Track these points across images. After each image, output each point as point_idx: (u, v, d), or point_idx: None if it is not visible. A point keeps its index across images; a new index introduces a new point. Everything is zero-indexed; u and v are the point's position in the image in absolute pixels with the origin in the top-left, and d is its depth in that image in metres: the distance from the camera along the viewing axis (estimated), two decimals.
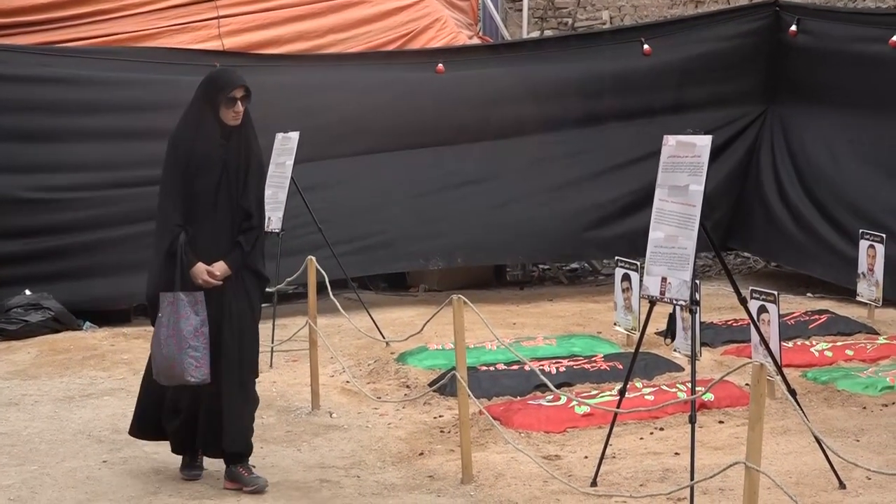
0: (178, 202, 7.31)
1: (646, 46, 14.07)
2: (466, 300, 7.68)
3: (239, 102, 7.36)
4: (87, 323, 12.40)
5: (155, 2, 14.38)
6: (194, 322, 7.23)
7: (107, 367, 10.73)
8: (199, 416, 7.47)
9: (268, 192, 11.39)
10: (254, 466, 7.53)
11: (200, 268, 7.27)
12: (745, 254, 15.47)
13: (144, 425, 7.73)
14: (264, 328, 11.28)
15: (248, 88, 7.43)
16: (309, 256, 9.41)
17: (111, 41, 13.83)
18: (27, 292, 12.14)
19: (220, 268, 7.31)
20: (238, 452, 7.45)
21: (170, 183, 7.37)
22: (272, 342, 10.90)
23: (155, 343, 7.32)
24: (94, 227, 12.58)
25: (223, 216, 7.36)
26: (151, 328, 11.92)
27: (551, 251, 14.33)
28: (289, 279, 10.94)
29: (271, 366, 10.68)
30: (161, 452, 8.26)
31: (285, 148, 11.33)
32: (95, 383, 10.20)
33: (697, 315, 7.71)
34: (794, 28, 13.94)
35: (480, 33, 17.18)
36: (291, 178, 11.01)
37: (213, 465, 7.64)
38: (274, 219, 11.18)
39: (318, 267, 9.38)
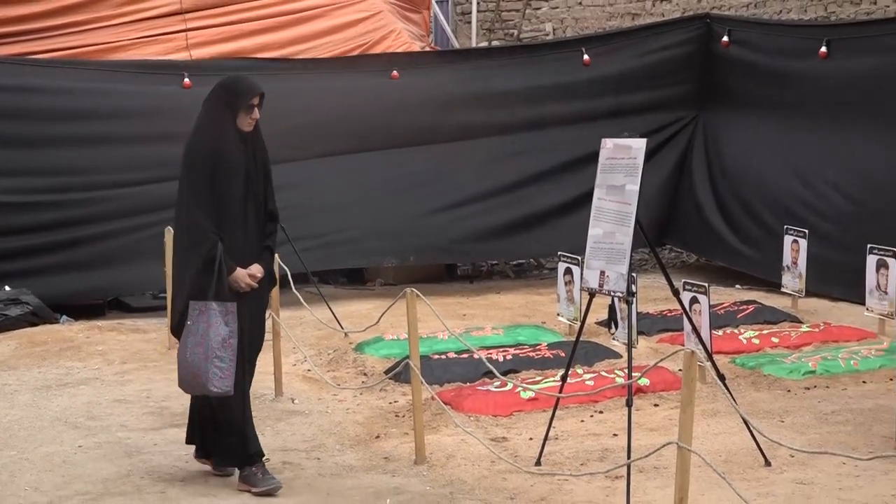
0: (209, 210, 6.82)
1: (585, 57, 14.10)
2: (419, 293, 7.70)
3: (256, 109, 7.00)
4: (64, 317, 12.33)
5: (125, 14, 14.32)
6: (223, 333, 6.77)
7: (82, 358, 10.68)
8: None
9: None
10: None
11: (242, 273, 6.88)
12: (679, 249, 15.53)
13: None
14: None
15: (263, 94, 7.07)
16: None
17: (83, 52, 13.77)
18: (7, 288, 12.07)
19: (258, 270, 6.96)
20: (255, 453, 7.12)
21: (198, 192, 6.86)
22: None
23: (181, 350, 6.91)
24: (69, 227, 12.51)
25: (251, 222, 6.99)
26: (125, 321, 12.17)
27: (499, 249, 14.34)
28: None
29: None
30: (133, 437, 8.26)
31: None
32: (71, 373, 10.15)
33: (634, 306, 7.75)
34: (725, 39, 14.01)
35: (432, 44, 17.17)
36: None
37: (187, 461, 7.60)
38: None
39: (281, 262, 9.37)
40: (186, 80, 12.91)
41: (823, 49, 12.76)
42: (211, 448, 7.28)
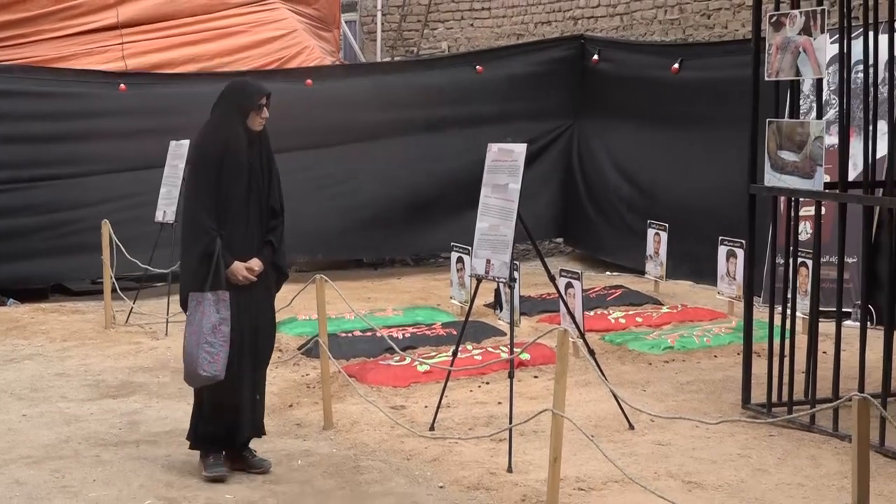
0: (210, 207, 6.45)
1: (478, 67, 14.14)
2: (328, 279, 7.68)
3: (265, 108, 6.68)
4: (11, 300, 12.16)
5: (66, 28, 14.14)
6: (214, 319, 6.37)
7: (27, 337, 10.54)
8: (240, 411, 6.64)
9: (163, 190, 11.33)
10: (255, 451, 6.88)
11: (239, 266, 6.50)
12: (557, 240, 15.60)
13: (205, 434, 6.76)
14: (161, 303, 11.25)
15: (270, 94, 6.76)
16: None
17: (27, 63, 13.56)
18: None
19: (256, 264, 6.57)
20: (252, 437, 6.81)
21: (201, 189, 6.50)
22: (167, 314, 10.78)
23: (181, 343, 6.57)
24: (16, 216, 12.33)
25: (254, 218, 6.60)
26: (66, 304, 12.01)
27: (399, 244, 14.32)
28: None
29: (167, 334, 10.57)
30: (72, 407, 8.15)
31: (178, 153, 11.20)
32: (17, 350, 10.00)
33: (516, 290, 7.77)
34: (596, 57, 14.11)
35: (342, 59, 17.11)
36: (182, 178, 10.89)
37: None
38: (168, 212, 11.07)
39: None
40: (122, 85, 12.81)
41: (675, 66, 12.89)
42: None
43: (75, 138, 12.65)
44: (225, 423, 6.62)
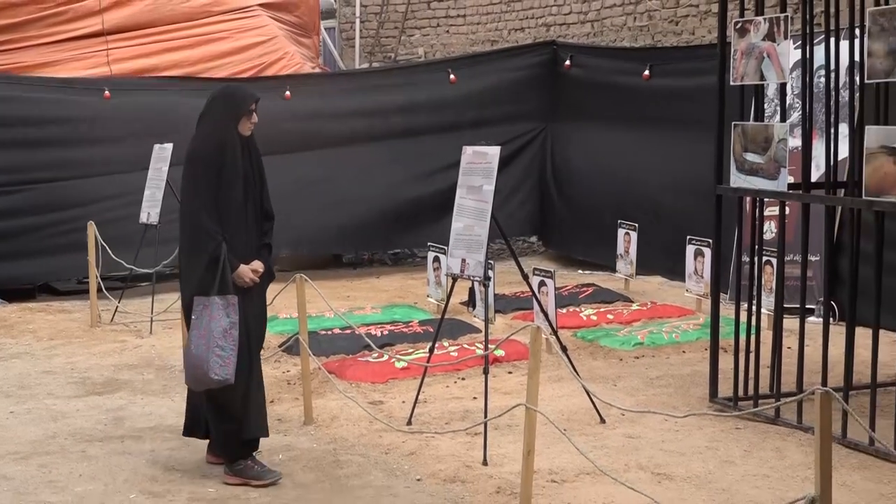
0: (213, 213, 6.29)
1: (451, 76, 14.11)
2: (308, 279, 7.66)
3: (255, 113, 6.56)
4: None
5: (52, 35, 14.06)
6: (224, 323, 6.22)
7: (15, 336, 10.48)
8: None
9: (147, 192, 11.27)
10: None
11: (245, 269, 6.38)
12: (531, 239, 15.61)
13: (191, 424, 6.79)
14: (146, 302, 11.21)
15: (259, 99, 6.63)
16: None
17: (13, 69, 13.49)
18: None
19: (258, 265, 6.47)
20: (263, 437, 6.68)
21: (203, 195, 6.31)
22: (152, 313, 10.74)
23: (187, 347, 6.35)
24: (4, 219, 12.26)
25: (251, 221, 6.50)
26: (53, 303, 11.94)
27: (378, 241, 14.32)
28: (165, 262, 10.83)
29: (151, 332, 10.53)
30: (59, 404, 8.11)
31: (161, 156, 11.15)
32: (4, 348, 9.94)
33: (490, 288, 7.76)
34: (568, 62, 14.12)
35: (322, 65, 17.07)
36: (167, 180, 10.85)
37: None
38: (152, 214, 11.03)
39: None
40: (107, 92, 12.75)
41: (647, 72, 12.91)
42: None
43: (61, 143, 12.58)
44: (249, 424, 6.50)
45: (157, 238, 10.84)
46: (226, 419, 6.44)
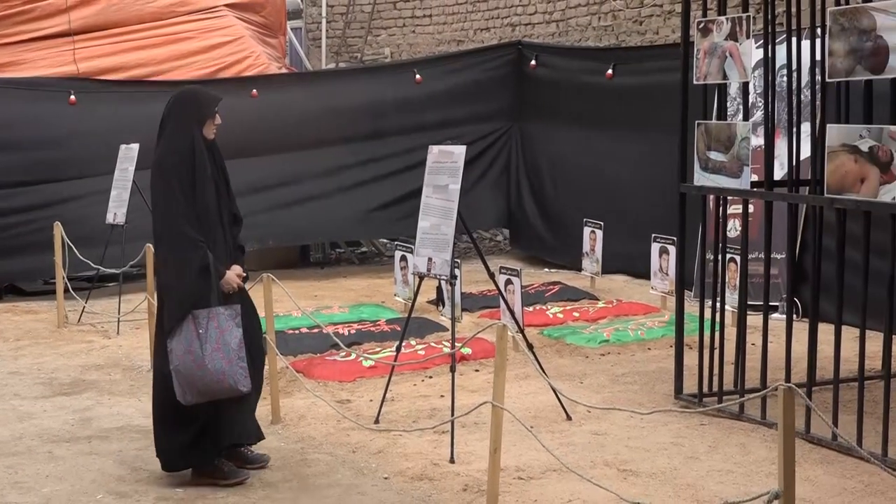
0: (192, 220, 6.11)
1: (417, 76, 14.10)
2: (274, 278, 7.63)
3: (217, 115, 6.41)
4: None
5: (19, 34, 13.97)
6: (238, 334, 6.13)
7: None
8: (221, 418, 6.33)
9: (113, 193, 11.21)
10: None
11: (232, 275, 6.26)
12: (498, 238, 15.62)
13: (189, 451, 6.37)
14: (113, 302, 11.15)
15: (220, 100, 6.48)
16: (147, 244, 9.19)
17: None
18: None
19: (240, 270, 6.36)
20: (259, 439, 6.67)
21: (179, 202, 6.12)
22: (119, 313, 10.69)
23: (191, 361, 6.05)
24: None
25: (226, 225, 6.36)
26: (19, 304, 11.85)
27: (344, 235, 14.32)
28: (131, 262, 10.76)
29: (118, 332, 10.48)
30: (25, 404, 8.05)
31: (127, 156, 11.10)
32: None
33: (457, 287, 7.75)
34: (533, 62, 14.13)
35: (288, 65, 17.03)
36: (133, 180, 10.80)
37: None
38: (119, 214, 10.97)
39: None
40: (72, 97, 12.68)
41: (609, 71, 12.94)
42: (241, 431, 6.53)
43: (27, 144, 12.49)
44: (231, 427, 6.44)
45: (123, 238, 10.79)
46: (193, 429, 6.31)
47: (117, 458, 6.84)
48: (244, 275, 6.45)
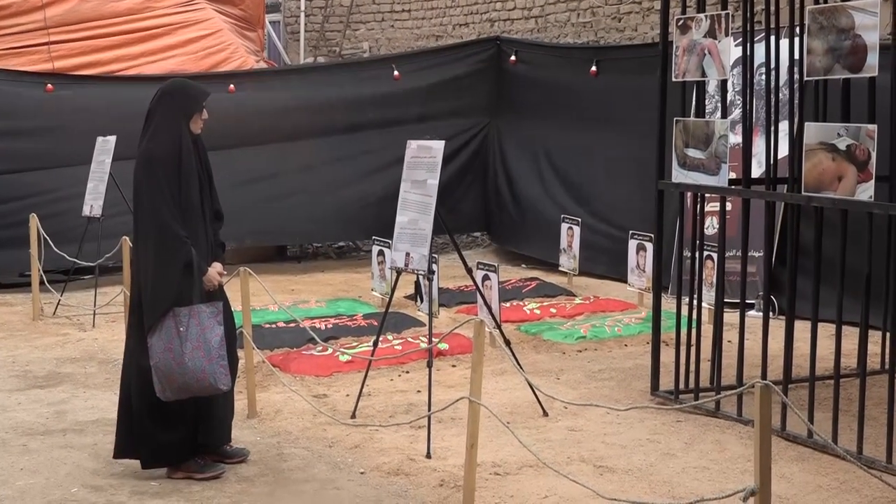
0: (177, 215, 6.05)
1: (395, 73, 14.07)
2: (252, 272, 7.60)
3: (204, 109, 6.36)
4: None
5: None
6: (219, 332, 6.11)
7: None
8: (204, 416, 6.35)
9: (90, 185, 11.15)
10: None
11: (213, 272, 6.21)
12: (475, 233, 15.62)
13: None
14: (88, 295, 11.10)
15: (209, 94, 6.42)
16: (123, 237, 9.15)
17: None
18: None
19: (221, 267, 6.31)
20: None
21: (164, 197, 6.05)
22: (94, 306, 10.64)
23: (170, 358, 6.02)
24: None
25: (208, 222, 6.30)
26: None
27: (322, 233, 14.27)
28: (108, 255, 10.71)
29: (94, 325, 10.43)
30: (0, 398, 8.01)
31: (104, 149, 11.05)
32: None
33: (434, 282, 7.74)
34: (514, 58, 14.14)
35: (266, 59, 16.98)
36: (110, 173, 10.75)
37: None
38: (95, 206, 10.92)
39: (131, 245, 9.15)
40: (49, 85, 12.61)
41: (594, 69, 12.96)
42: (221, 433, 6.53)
43: (2, 136, 12.42)
44: (210, 426, 6.42)
45: (99, 231, 10.74)
46: (172, 426, 6.28)
47: (92, 451, 6.81)
48: (225, 273, 6.42)
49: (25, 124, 12.52)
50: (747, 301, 7.69)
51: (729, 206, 7.91)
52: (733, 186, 7.49)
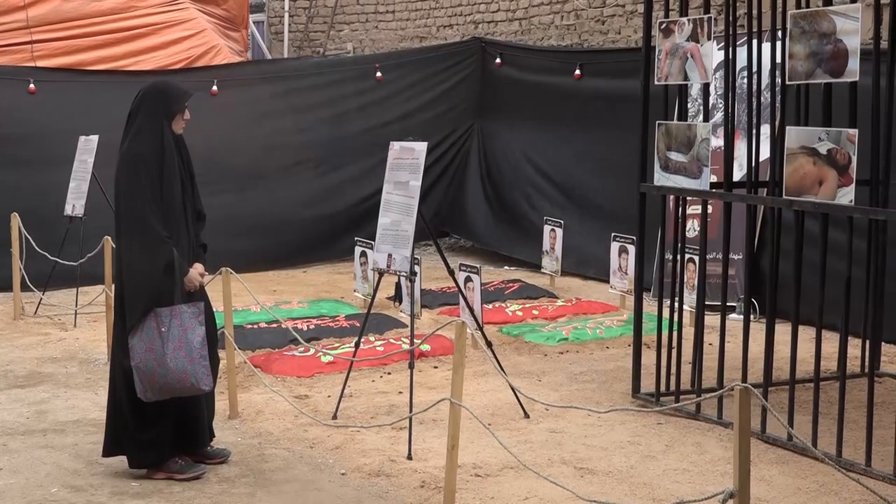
0: (159, 215, 6.03)
1: (378, 74, 14.06)
2: (233, 272, 7.59)
3: (187, 110, 6.33)
4: None
5: None
6: (201, 333, 6.11)
7: None
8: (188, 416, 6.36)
9: (72, 185, 11.11)
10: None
11: (194, 273, 6.20)
12: (457, 235, 15.61)
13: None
14: (70, 294, 11.06)
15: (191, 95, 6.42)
16: (105, 236, 9.13)
17: None
18: None
19: (202, 269, 6.30)
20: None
21: (147, 197, 6.03)
22: (76, 305, 10.61)
23: (152, 359, 6.01)
24: None
25: (190, 222, 6.28)
26: None
27: (304, 240, 14.20)
28: (90, 254, 10.66)
29: (75, 325, 10.39)
30: None
31: (87, 148, 11.01)
32: None
33: (416, 283, 7.74)
34: (499, 60, 14.15)
35: (250, 59, 16.96)
36: (92, 172, 10.72)
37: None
38: (77, 206, 10.88)
39: (113, 244, 9.12)
40: (31, 86, 12.56)
41: (578, 72, 12.98)
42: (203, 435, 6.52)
43: None
44: (192, 428, 6.43)
45: (81, 230, 10.70)
46: (153, 426, 6.28)
47: (73, 451, 6.79)
48: (206, 274, 6.42)
49: (6, 122, 12.43)
50: (728, 304, 7.71)
51: (710, 209, 7.92)
52: (715, 190, 7.52)
